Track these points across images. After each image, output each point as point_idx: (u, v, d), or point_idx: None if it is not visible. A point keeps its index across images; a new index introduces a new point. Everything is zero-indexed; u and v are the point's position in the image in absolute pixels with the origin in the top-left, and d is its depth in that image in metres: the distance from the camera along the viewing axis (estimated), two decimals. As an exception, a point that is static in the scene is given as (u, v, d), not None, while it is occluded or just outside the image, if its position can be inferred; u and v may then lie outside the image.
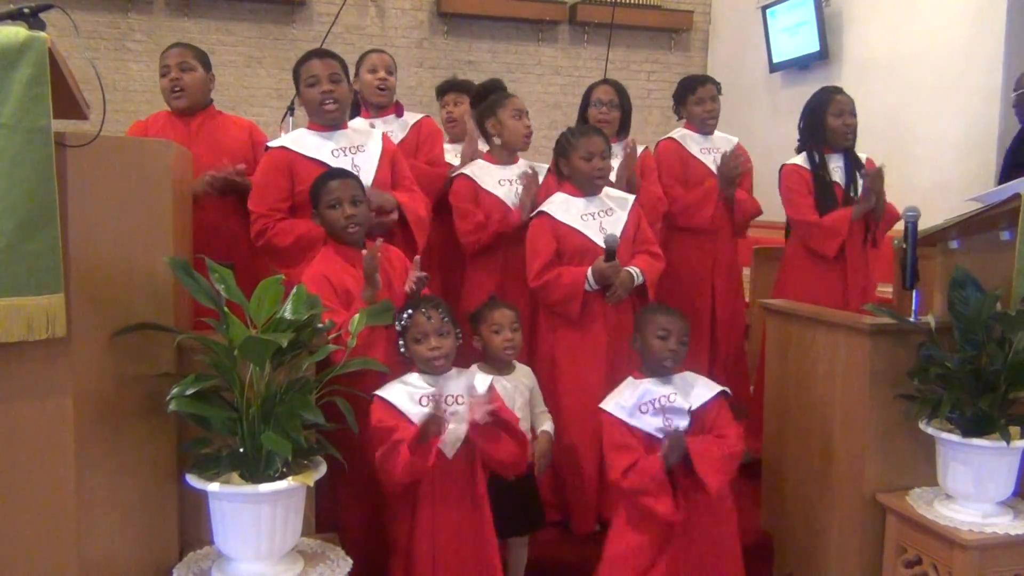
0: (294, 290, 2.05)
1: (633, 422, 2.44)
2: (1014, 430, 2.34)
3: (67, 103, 1.73)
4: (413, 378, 2.36)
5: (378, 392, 2.31)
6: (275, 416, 1.92)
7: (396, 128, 3.38)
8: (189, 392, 1.86)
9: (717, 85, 3.87)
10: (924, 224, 2.68)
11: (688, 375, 2.56)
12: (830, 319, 2.78)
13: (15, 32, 1.60)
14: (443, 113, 3.81)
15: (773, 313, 3.09)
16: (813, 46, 5.94)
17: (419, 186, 3.11)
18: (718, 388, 2.53)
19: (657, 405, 2.45)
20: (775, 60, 6.38)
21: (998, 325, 2.37)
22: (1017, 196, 2.45)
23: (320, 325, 2.06)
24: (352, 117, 3.44)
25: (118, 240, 1.88)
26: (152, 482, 2.01)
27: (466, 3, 6.83)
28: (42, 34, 1.62)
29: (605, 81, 3.77)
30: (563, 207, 3.02)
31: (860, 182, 3.49)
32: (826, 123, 3.52)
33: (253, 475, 1.92)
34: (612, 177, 3.29)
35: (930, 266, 2.78)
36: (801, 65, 6.11)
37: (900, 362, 2.55)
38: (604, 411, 2.48)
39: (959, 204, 3.08)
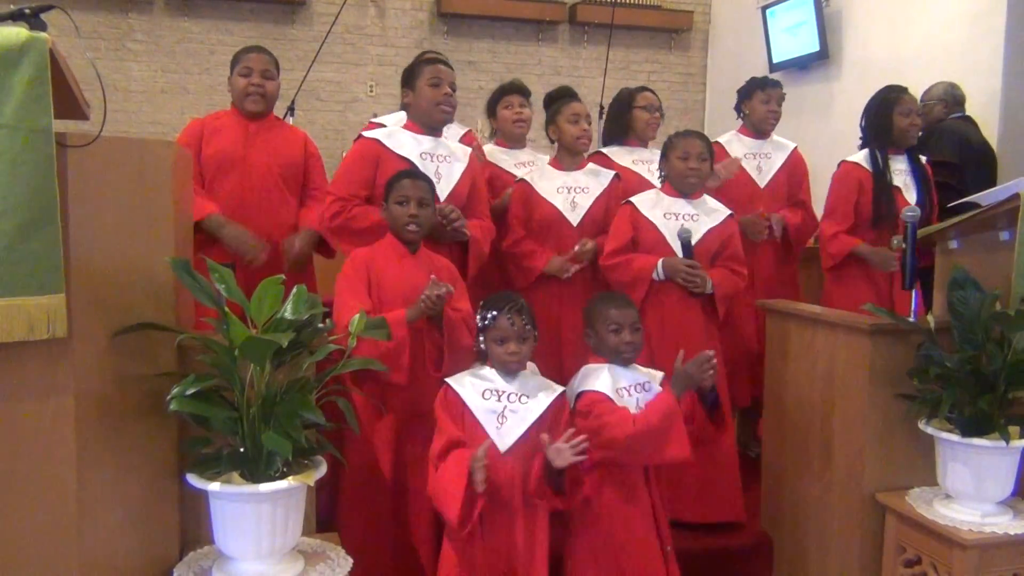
0: (294, 290, 2.05)
1: (615, 402, 2.43)
2: (1013, 430, 2.34)
3: (68, 103, 1.74)
4: (485, 371, 2.37)
5: (448, 379, 2.35)
6: (275, 416, 1.93)
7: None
8: (190, 392, 1.86)
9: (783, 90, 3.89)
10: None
11: (648, 370, 2.54)
12: (829, 319, 2.78)
13: (16, 33, 1.60)
14: (509, 113, 3.74)
15: (772, 314, 3.09)
16: (813, 46, 5.94)
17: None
18: (660, 373, 2.53)
19: (634, 391, 2.45)
20: (775, 60, 6.38)
21: (997, 325, 2.38)
22: (1016, 196, 2.45)
23: (320, 325, 2.06)
24: None
25: (119, 240, 1.88)
26: (153, 481, 2.02)
27: (466, 3, 6.84)
28: (43, 34, 1.62)
29: (645, 88, 3.84)
30: (651, 202, 3.13)
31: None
32: (893, 122, 3.53)
33: (253, 474, 1.92)
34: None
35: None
36: (801, 65, 6.12)
37: (900, 362, 2.55)
38: (593, 391, 2.44)
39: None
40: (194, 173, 3.14)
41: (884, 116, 3.56)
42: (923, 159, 3.62)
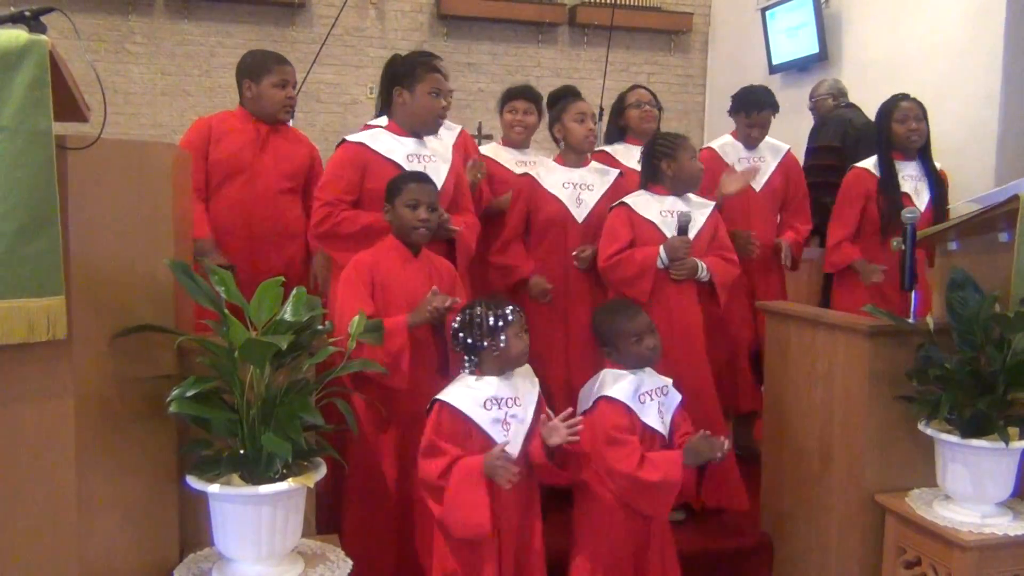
0: (294, 292, 2.05)
1: (636, 409, 2.47)
2: (1012, 431, 2.34)
3: (68, 106, 1.74)
4: (473, 381, 2.33)
5: (440, 396, 2.30)
6: (275, 418, 1.93)
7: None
8: (189, 394, 1.86)
9: (775, 109, 3.85)
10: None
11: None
12: (829, 320, 2.78)
13: (16, 35, 1.60)
14: (509, 117, 3.79)
15: (772, 315, 3.09)
16: (812, 48, 5.95)
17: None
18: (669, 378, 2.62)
19: (656, 395, 2.51)
20: (775, 62, 6.39)
21: (996, 326, 2.37)
22: (1015, 198, 2.45)
23: (320, 327, 2.06)
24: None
25: (119, 242, 1.88)
26: (153, 483, 2.02)
27: (466, 5, 6.84)
28: (43, 37, 1.62)
29: (637, 86, 3.92)
30: (645, 202, 3.13)
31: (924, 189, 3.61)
32: (891, 129, 3.60)
33: (253, 476, 1.92)
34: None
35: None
36: (800, 67, 6.12)
37: (899, 363, 2.55)
38: (611, 399, 2.48)
39: (958, 205, 3.10)
40: (196, 175, 3.14)
41: (885, 123, 3.63)
42: (937, 165, 3.67)
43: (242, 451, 1.93)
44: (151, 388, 1.95)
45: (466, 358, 2.35)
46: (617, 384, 2.50)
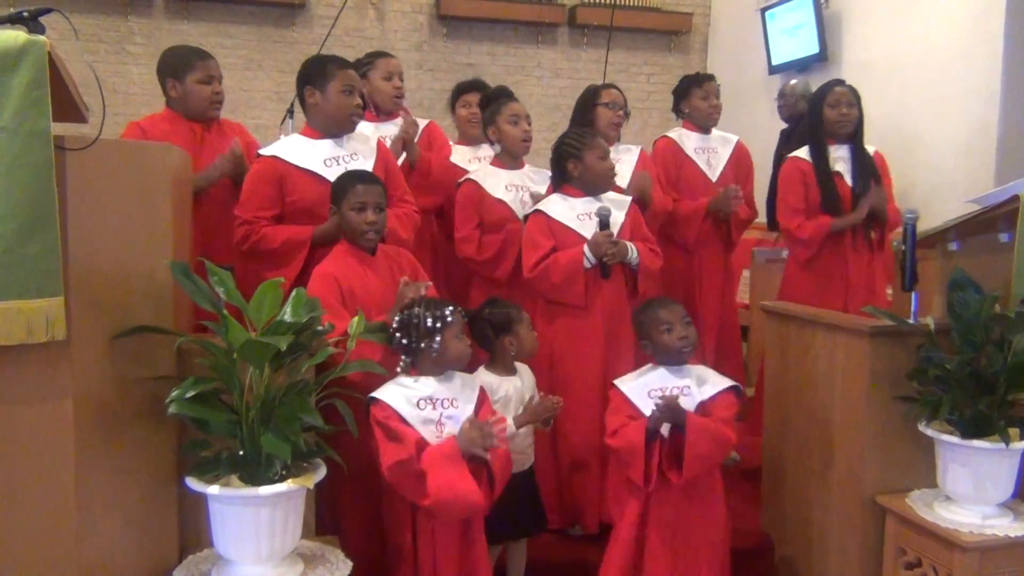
0: (293, 293, 2.05)
1: (637, 402, 2.49)
2: (1013, 432, 2.34)
3: (67, 106, 1.74)
4: (409, 381, 2.33)
5: (375, 394, 2.29)
6: (274, 419, 1.93)
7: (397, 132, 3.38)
8: (189, 395, 1.86)
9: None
10: (924, 226, 2.68)
11: (703, 369, 2.61)
12: (829, 321, 2.78)
13: (15, 36, 1.60)
14: (464, 112, 3.79)
15: (772, 315, 3.09)
16: (812, 48, 5.94)
17: (436, 185, 3.30)
18: (728, 382, 2.57)
19: (663, 394, 2.46)
20: (774, 62, 6.38)
21: (997, 327, 2.37)
22: (1016, 198, 2.45)
23: (320, 328, 2.06)
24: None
25: (118, 243, 1.88)
26: (152, 485, 2.02)
27: (466, 6, 6.84)
28: (41, 38, 1.62)
29: (610, 85, 3.79)
30: (560, 207, 3.06)
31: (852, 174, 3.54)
32: (823, 113, 3.56)
33: (253, 478, 1.92)
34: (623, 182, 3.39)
35: (929, 267, 2.80)
36: (800, 67, 6.11)
37: (899, 364, 2.55)
38: (615, 387, 2.56)
39: (958, 206, 3.09)
40: None
41: (817, 108, 3.60)
42: (870, 150, 3.62)
43: (241, 452, 1.93)
44: (150, 389, 1.95)
45: (402, 358, 2.35)
46: (633, 376, 2.58)
